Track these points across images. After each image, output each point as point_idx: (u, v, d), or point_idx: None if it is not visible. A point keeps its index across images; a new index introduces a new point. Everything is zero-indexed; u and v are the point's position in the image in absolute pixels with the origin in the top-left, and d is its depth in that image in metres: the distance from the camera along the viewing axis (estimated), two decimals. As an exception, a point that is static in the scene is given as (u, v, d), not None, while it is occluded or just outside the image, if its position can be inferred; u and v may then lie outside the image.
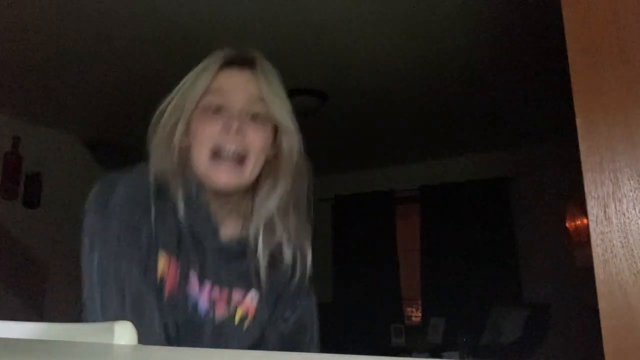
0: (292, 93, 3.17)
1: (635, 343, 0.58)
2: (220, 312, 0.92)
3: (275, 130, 0.96)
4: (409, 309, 5.18)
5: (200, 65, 0.96)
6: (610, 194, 0.62)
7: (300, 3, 2.51)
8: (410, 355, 4.18)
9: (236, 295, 0.93)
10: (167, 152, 0.91)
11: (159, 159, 0.91)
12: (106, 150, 4.28)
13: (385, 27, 2.71)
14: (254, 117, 0.92)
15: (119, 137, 4.23)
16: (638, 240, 0.59)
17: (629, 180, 0.62)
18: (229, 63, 0.97)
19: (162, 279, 0.87)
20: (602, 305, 0.60)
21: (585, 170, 0.64)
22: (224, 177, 0.89)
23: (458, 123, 4.07)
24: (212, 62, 0.96)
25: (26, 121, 3.88)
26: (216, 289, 0.92)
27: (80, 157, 4.20)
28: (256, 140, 0.92)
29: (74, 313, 0.98)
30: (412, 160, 4.99)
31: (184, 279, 0.89)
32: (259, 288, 0.95)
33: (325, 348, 1.16)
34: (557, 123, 3.29)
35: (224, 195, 0.94)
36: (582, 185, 0.64)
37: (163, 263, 0.88)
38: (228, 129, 0.89)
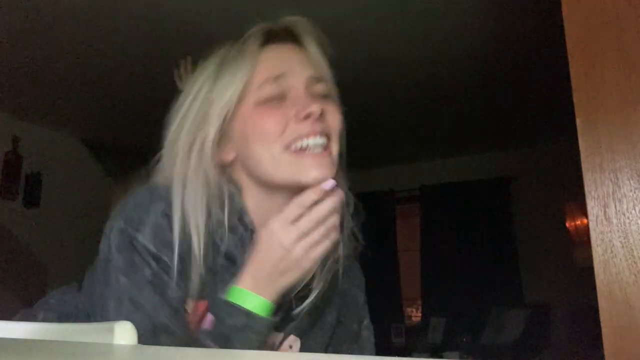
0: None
1: (635, 343, 0.58)
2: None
3: None
4: (409, 309, 5.18)
5: (231, 54, 0.79)
6: (610, 194, 0.62)
7: (301, 3, 2.51)
8: (410, 355, 4.18)
9: (270, 338, 0.75)
10: (199, 171, 0.75)
11: (188, 182, 0.75)
12: (106, 150, 4.28)
13: (386, 27, 2.71)
14: (325, 98, 0.78)
15: (119, 137, 4.23)
16: (638, 240, 0.59)
17: (629, 180, 0.62)
18: (269, 41, 0.82)
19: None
20: (602, 305, 0.60)
21: (585, 170, 0.64)
22: (314, 171, 0.73)
23: (458, 123, 4.07)
24: (249, 44, 0.80)
25: (26, 121, 3.89)
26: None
27: (80, 157, 4.20)
28: (335, 123, 0.78)
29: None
30: (412, 160, 4.99)
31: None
32: (300, 334, 0.79)
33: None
34: (557, 123, 3.29)
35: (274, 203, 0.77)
36: (582, 185, 0.64)
37: (191, 307, 0.75)
38: (307, 116, 0.73)
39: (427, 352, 4.21)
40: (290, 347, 0.77)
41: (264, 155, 0.74)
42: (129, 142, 4.06)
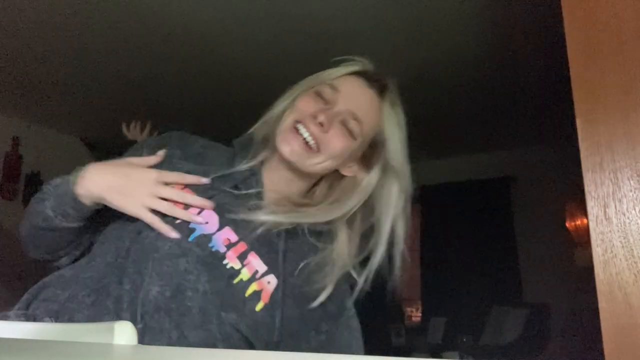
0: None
1: (635, 343, 0.58)
2: (231, 260, 0.85)
3: (370, 156, 1.00)
4: (409, 309, 5.18)
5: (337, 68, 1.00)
6: (610, 194, 0.62)
7: (301, 3, 2.51)
8: (410, 355, 4.18)
9: (254, 259, 0.87)
10: (270, 117, 0.99)
11: (261, 124, 1.00)
12: (106, 150, 4.28)
13: (386, 27, 2.71)
14: (345, 124, 0.93)
15: (119, 137, 4.23)
16: (638, 240, 0.60)
17: (629, 180, 0.62)
18: (362, 74, 0.99)
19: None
20: (602, 305, 0.60)
21: (585, 170, 0.64)
22: (286, 147, 0.91)
23: (458, 123, 4.07)
24: (348, 66, 0.99)
25: (26, 121, 3.89)
26: (234, 236, 0.87)
27: (80, 157, 4.20)
28: (333, 144, 0.93)
29: None
30: (412, 160, 4.98)
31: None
32: (279, 275, 0.88)
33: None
34: (557, 123, 3.29)
35: (285, 177, 0.96)
36: (582, 185, 0.64)
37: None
38: (316, 116, 0.91)
39: (427, 352, 4.21)
40: (269, 282, 0.87)
41: (284, 118, 0.94)
42: (129, 142, 4.06)
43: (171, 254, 0.83)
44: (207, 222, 0.87)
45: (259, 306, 0.84)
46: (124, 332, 0.59)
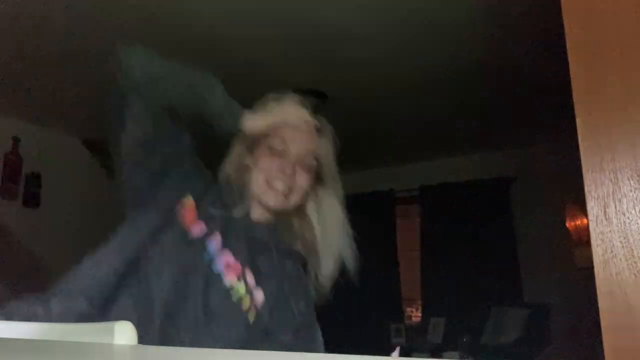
0: (293, 93, 3.16)
1: (635, 343, 0.58)
2: (231, 279, 1.04)
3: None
4: (409, 309, 5.18)
5: (276, 108, 1.19)
6: (610, 194, 0.62)
7: (301, 3, 2.51)
8: (410, 355, 4.18)
9: (249, 278, 1.07)
10: (235, 162, 1.20)
11: (227, 163, 1.20)
12: (106, 150, 4.27)
13: (386, 27, 2.71)
14: (302, 164, 1.16)
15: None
16: (638, 240, 0.60)
17: (629, 180, 0.62)
18: (294, 114, 1.20)
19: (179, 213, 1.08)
20: (602, 305, 0.60)
21: (585, 170, 0.64)
22: (272, 201, 1.14)
23: (458, 123, 4.07)
24: (285, 108, 1.19)
25: (26, 121, 3.88)
26: (232, 258, 1.07)
27: (80, 157, 4.20)
28: (301, 182, 1.17)
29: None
30: (412, 160, 4.99)
31: (208, 232, 1.07)
32: (265, 291, 1.08)
33: (325, 348, 1.17)
34: (557, 123, 3.29)
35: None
36: (582, 185, 0.64)
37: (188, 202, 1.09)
38: (283, 171, 1.14)
39: (427, 352, 4.21)
40: (258, 297, 1.08)
41: (254, 177, 1.16)
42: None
43: (186, 269, 1.00)
44: (216, 245, 1.06)
45: (252, 318, 1.03)
46: (124, 332, 0.59)
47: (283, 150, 1.15)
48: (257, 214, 1.17)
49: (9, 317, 0.86)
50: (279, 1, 2.49)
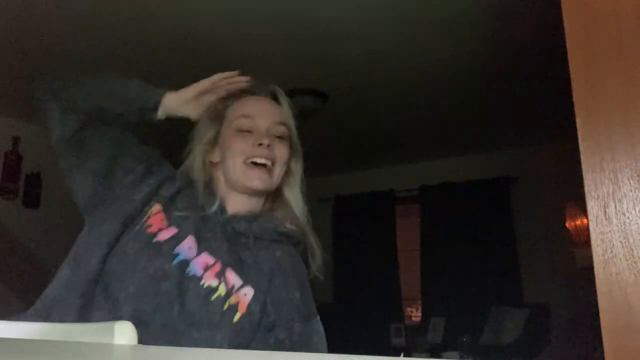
0: (292, 93, 3.17)
1: (635, 343, 0.58)
2: (209, 280, 0.99)
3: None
4: (409, 309, 5.18)
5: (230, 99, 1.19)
6: (610, 194, 0.62)
7: (301, 3, 2.51)
8: (410, 355, 4.18)
9: (230, 276, 1.01)
10: (200, 162, 1.14)
11: (190, 165, 1.14)
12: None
13: (386, 27, 2.71)
14: (276, 134, 1.12)
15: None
16: (638, 240, 0.59)
17: (629, 180, 0.62)
18: (255, 93, 1.19)
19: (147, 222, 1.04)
20: (602, 305, 0.60)
21: (585, 170, 0.64)
22: (257, 181, 1.08)
23: (458, 123, 4.07)
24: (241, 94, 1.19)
25: (26, 121, 3.89)
26: (210, 258, 1.02)
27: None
28: (281, 154, 1.12)
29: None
30: (412, 160, 4.99)
31: (179, 236, 1.02)
32: (254, 286, 1.02)
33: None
34: (557, 123, 3.29)
35: (245, 198, 1.12)
36: (582, 185, 0.64)
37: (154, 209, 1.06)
38: (260, 142, 1.09)
39: (427, 352, 4.21)
40: (245, 294, 1.01)
41: (230, 164, 1.10)
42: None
43: (155, 276, 0.96)
44: (190, 247, 1.01)
45: (236, 317, 0.97)
46: (124, 332, 0.59)
47: (251, 127, 1.11)
48: (235, 205, 1.10)
49: None
50: (278, 1, 2.49)
